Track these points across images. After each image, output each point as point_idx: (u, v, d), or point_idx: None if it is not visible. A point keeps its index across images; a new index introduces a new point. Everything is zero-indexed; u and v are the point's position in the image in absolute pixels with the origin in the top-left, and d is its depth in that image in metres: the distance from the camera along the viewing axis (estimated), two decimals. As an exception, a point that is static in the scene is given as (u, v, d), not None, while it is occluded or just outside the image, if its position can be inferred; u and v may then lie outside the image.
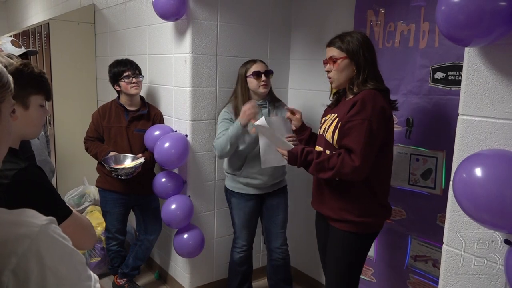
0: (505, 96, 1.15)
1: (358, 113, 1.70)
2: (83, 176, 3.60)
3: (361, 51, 1.79)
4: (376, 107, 1.71)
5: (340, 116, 1.82)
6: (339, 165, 1.70)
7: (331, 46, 1.86)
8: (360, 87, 1.79)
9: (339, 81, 1.87)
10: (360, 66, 1.80)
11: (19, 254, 0.68)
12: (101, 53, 3.75)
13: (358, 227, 1.84)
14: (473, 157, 1.12)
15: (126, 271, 2.85)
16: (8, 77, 0.79)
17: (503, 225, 1.07)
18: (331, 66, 1.86)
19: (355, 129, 1.69)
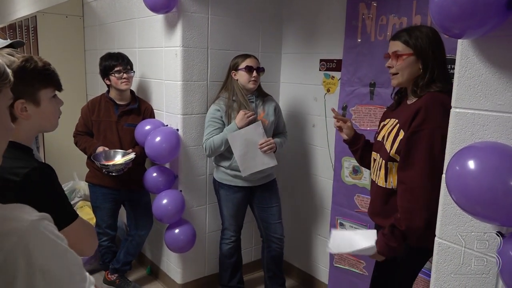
0: (498, 89, 1.15)
1: (424, 122, 1.53)
2: (72, 171, 3.56)
3: (430, 48, 1.61)
4: (441, 114, 1.49)
5: (401, 122, 1.65)
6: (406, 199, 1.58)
7: (396, 40, 1.67)
8: (424, 89, 1.61)
9: (401, 80, 1.67)
10: (427, 65, 1.61)
11: (5, 250, 0.65)
12: (90, 47, 3.70)
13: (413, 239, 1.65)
14: (465, 150, 1.11)
15: (117, 267, 2.83)
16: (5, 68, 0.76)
17: (495, 217, 1.07)
18: (393, 61, 1.67)
19: (421, 139, 1.54)
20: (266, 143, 2.40)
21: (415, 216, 1.56)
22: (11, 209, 0.72)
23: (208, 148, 2.44)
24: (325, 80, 2.69)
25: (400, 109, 1.76)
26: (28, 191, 1.06)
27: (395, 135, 1.65)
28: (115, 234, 2.89)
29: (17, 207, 0.73)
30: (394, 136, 1.66)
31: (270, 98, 2.58)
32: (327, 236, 2.76)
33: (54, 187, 1.13)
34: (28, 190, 1.06)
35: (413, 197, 1.56)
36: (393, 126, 1.69)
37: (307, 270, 3.01)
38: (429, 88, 1.60)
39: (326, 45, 2.65)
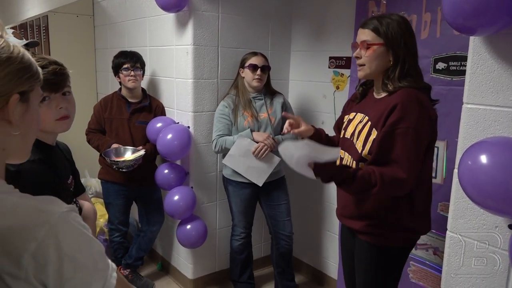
0: (509, 85, 1.17)
1: (402, 120, 1.42)
2: (84, 169, 3.61)
3: (402, 38, 1.48)
4: (421, 111, 1.44)
5: (372, 120, 1.53)
6: (382, 180, 1.42)
7: (365, 28, 1.53)
8: (396, 83, 1.49)
9: (369, 72, 1.55)
10: (398, 57, 1.48)
11: (38, 239, 0.70)
12: (100, 46, 3.74)
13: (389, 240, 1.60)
14: (478, 145, 1.14)
15: (129, 262, 2.88)
16: (37, 67, 0.80)
17: (507, 210, 1.09)
18: (362, 51, 1.53)
19: (399, 139, 1.42)
20: (258, 149, 2.42)
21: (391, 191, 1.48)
22: (42, 201, 0.76)
23: (219, 145, 2.48)
24: (334, 78, 2.72)
25: (368, 104, 1.64)
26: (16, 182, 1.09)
27: (367, 134, 1.53)
28: (127, 230, 2.94)
29: (47, 199, 0.77)
30: (366, 136, 1.54)
31: (279, 96, 2.61)
32: (336, 232, 2.79)
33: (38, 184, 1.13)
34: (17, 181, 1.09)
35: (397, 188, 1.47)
36: (364, 124, 1.57)
37: (317, 266, 3.04)
38: (401, 83, 1.48)
39: (336, 42, 2.68)
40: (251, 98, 2.52)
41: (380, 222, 1.58)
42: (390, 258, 1.65)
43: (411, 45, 1.52)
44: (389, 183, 1.42)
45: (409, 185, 1.45)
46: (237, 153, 2.46)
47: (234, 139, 2.46)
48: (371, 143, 1.51)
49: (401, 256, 1.67)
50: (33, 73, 0.79)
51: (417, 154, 1.45)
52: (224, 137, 2.49)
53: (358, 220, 1.64)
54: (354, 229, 1.69)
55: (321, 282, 3.01)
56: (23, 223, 0.71)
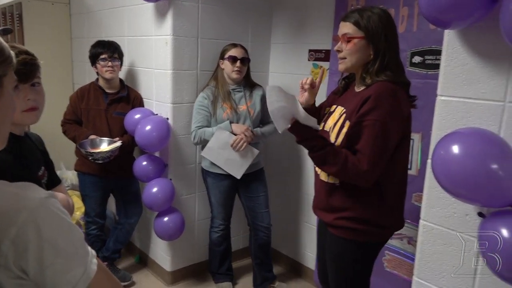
0: (481, 77, 1.21)
1: (370, 112, 1.43)
2: (59, 161, 3.54)
3: (383, 32, 1.48)
4: (392, 106, 1.43)
5: (347, 112, 1.54)
6: (345, 163, 1.44)
7: (346, 21, 1.53)
8: (374, 77, 1.49)
9: (349, 65, 1.55)
10: (379, 51, 1.49)
11: (18, 225, 0.70)
12: (77, 35, 3.66)
13: (357, 234, 1.60)
14: (450, 136, 1.17)
15: (106, 255, 2.85)
16: (9, 51, 0.78)
17: (477, 198, 1.13)
18: (343, 45, 1.54)
19: (365, 131, 1.43)
20: (236, 142, 2.42)
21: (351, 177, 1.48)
22: (21, 188, 0.75)
23: (198, 137, 2.48)
24: (314, 70, 2.74)
25: (347, 97, 1.65)
26: None
27: (340, 127, 1.54)
28: (104, 223, 2.90)
29: (26, 185, 0.76)
30: (339, 128, 1.55)
31: (258, 88, 2.62)
32: (313, 223, 2.83)
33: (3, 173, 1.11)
34: None
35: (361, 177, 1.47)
36: (340, 116, 1.58)
37: (295, 257, 3.08)
38: (379, 77, 1.48)
39: (315, 35, 2.70)
40: (231, 90, 2.52)
41: (350, 216, 1.58)
42: (359, 253, 1.65)
43: (392, 39, 1.52)
44: (350, 169, 1.44)
45: (369, 178, 1.47)
46: (216, 146, 2.45)
47: (213, 130, 2.46)
48: (343, 136, 1.53)
49: (370, 252, 1.67)
50: (6, 58, 0.77)
51: (383, 148, 1.45)
52: (203, 128, 2.49)
53: (328, 213, 1.65)
54: (325, 221, 1.70)
55: (299, 272, 3.05)
56: (1, 209, 0.70)
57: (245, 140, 2.42)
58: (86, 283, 0.76)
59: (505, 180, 1.09)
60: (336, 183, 1.61)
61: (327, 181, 1.64)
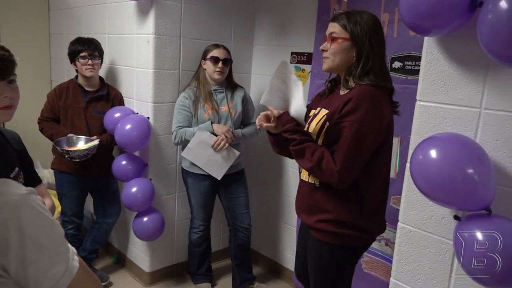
0: (458, 84, 1.24)
1: (349, 114, 1.45)
2: (36, 160, 3.46)
3: (367, 36, 1.50)
4: (372, 109, 1.45)
5: (329, 114, 1.57)
6: (320, 160, 1.46)
7: (335, 22, 1.57)
8: (357, 80, 1.51)
9: (332, 64, 1.58)
10: (361, 54, 1.51)
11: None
12: (55, 31, 3.59)
13: (338, 238, 1.61)
14: (428, 140, 1.20)
15: (83, 255, 2.79)
16: None
17: (454, 202, 1.16)
18: (328, 44, 1.57)
19: (343, 132, 1.46)
20: (217, 143, 2.42)
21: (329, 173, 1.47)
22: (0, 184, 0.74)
23: (178, 137, 2.46)
24: (296, 73, 2.76)
25: (332, 99, 1.66)
26: None
27: (321, 127, 1.57)
28: (81, 222, 2.84)
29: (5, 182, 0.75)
30: (320, 128, 1.57)
31: (240, 89, 2.62)
32: (293, 225, 2.85)
33: None
34: None
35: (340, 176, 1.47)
36: (322, 117, 1.60)
37: (274, 258, 3.09)
38: (362, 80, 1.51)
39: (297, 38, 2.72)
40: (212, 90, 2.51)
41: (330, 218, 1.59)
42: (340, 256, 1.66)
43: (377, 44, 1.53)
44: (324, 166, 1.46)
45: (342, 178, 1.46)
46: (196, 146, 2.44)
47: (194, 131, 2.44)
48: (323, 136, 1.56)
49: (351, 256, 1.68)
50: None
51: (357, 150, 1.46)
52: (184, 128, 2.47)
53: (310, 215, 1.66)
54: (306, 223, 1.71)
55: (278, 273, 3.06)
56: None
57: (226, 141, 2.42)
58: (68, 280, 0.75)
59: (480, 184, 1.12)
60: (316, 184, 1.62)
61: (307, 181, 1.65)
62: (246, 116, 2.65)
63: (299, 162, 1.56)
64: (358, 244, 1.67)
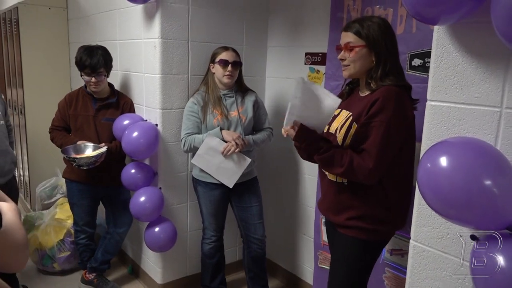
0: (474, 80, 1.06)
1: (378, 115, 1.51)
2: (55, 167, 3.48)
3: (383, 39, 1.57)
4: (398, 108, 1.52)
5: (354, 115, 1.62)
6: (351, 163, 1.53)
7: (348, 31, 1.62)
8: (378, 82, 1.58)
9: (353, 71, 1.64)
10: (380, 57, 1.58)
11: None
12: (74, 39, 3.61)
13: (368, 234, 1.66)
14: (438, 146, 1.02)
15: (95, 266, 2.75)
16: None
17: (469, 220, 0.98)
18: (346, 53, 1.63)
19: (373, 132, 1.52)
20: (227, 149, 2.30)
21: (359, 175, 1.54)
22: None
23: (187, 144, 2.37)
24: (310, 74, 2.60)
25: (352, 101, 1.71)
26: None
27: (348, 128, 1.61)
28: (93, 232, 2.80)
29: None
30: (346, 130, 1.62)
31: (251, 93, 2.49)
32: (311, 236, 2.68)
33: None
34: None
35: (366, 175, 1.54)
36: (346, 119, 1.65)
37: (292, 271, 2.92)
38: (384, 81, 1.57)
39: (311, 38, 2.56)
40: (221, 95, 2.40)
41: (359, 214, 1.65)
42: (367, 252, 1.71)
43: (391, 46, 1.61)
44: (356, 168, 1.52)
45: (374, 175, 1.53)
46: (206, 153, 2.34)
47: (203, 137, 2.34)
48: (351, 137, 1.60)
49: (376, 250, 1.74)
50: None
51: (387, 148, 1.52)
52: (193, 135, 2.37)
53: (338, 213, 1.71)
54: (334, 223, 1.75)
55: (296, 287, 2.89)
56: None
57: (236, 148, 2.30)
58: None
59: (500, 198, 0.94)
60: (344, 182, 1.67)
61: (335, 181, 1.70)
62: (258, 121, 2.51)
63: (329, 170, 1.64)
64: (383, 238, 1.74)
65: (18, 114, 3.79)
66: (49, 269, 2.99)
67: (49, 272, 3.01)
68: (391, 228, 1.72)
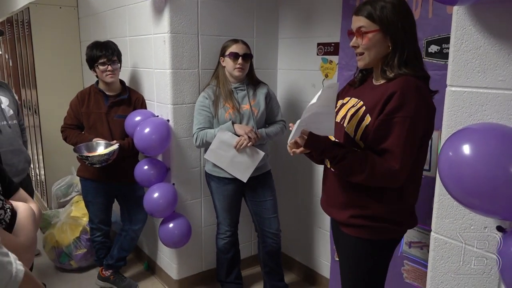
0: (498, 62, 1.00)
1: (399, 110, 1.34)
2: (70, 166, 3.50)
3: (398, 21, 1.38)
4: (420, 101, 1.36)
5: (368, 106, 1.46)
6: (373, 167, 1.36)
7: (359, 15, 1.44)
8: (396, 70, 1.41)
9: (368, 60, 1.46)
10: (397, 42, 1.40)
11: None
12: (85, 38, 3.61)
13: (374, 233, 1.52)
14: (460, 133, 0.97)
15: (111, 263, 2.75)
16: None
17: (494, 210, 0.93)
18: (359, 40, 1.44)
19: (396, 128, 1.35)
20: (239, 143, 2.26)
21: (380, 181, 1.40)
22: None
23: (200, 139, 2.34)
24: (323, 65, 2.55)
25: (364, 89, 1.55)
26: None
27: (360, 119, 1.45)
28: (109, 229, 2.81)
29: None
30: (358, 121, 1.46)
31: (262, 86, 2.45)
32: (327, 229, 2.63)
33: None
34: None
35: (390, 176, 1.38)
36: (357, 109, 1.48)
37: (309, 264, 2.89)
38: (401, 70, 1.40)
39: (324, 28, 2.50)
40: (233, 88, 2.36)
41: (367, 214, 1.50)
42: (376, 252, 1.57)
43: (409, 28, 1.42)
44: (380, 172, 1.36)
45: (401, 177, 1.38)
46: (218, 148, 2.31)
47: (215, 132, 2.31)
48: (363, 129, 1.44)
49: (387, 249, 1.59)
50: None
51: (412, 145, 1.38)
52: (205, 130, 2.35)
53: (342, 210, 1.56)
54: (337, 220, 1.61)
55: (313, 281, 2.86)
56: None
57: (248, 141, 2.27)
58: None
59: (529, 187, 0.88)
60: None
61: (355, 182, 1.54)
62: (271, 114, 2.47)
63: (350, 178, 1.45)
64: (394, 237, 1.59)
65: (32, 114, 3.82)
66: (66, 266, 3.01)
67: (67, 269, 3.03)
68: (403, 228, 1.57)
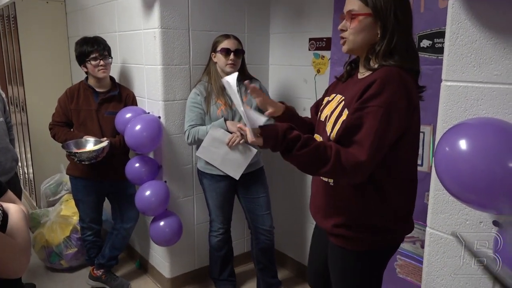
0: (493, 57, 1.00)
1: (373, 98, 1.23)
2: (59, 164, 3.44)
3: (392, 8, 1.29)
4: (399, 91, 1.24)
5: (347, 100, 1.35)
6: (338, 157, 1.22)
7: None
8: (380, 60, 1.30)
9: (352, 46, 1.36)
10: (387, 30, 1.29)
11: None
12: (73, 33, 3.54)
13: (359, 243, 1.42)
14: (456, 128, 0.97)
15: (102, 262, 2.72)
16: None
17: (490, 205, 0.93)
18: (347, 23, 1.34)
19: (367, 119, 1.22)
20: (232, 141, 2.25)
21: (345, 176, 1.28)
22: None
23: (191, 136, 2.32)
24: (315, 61, 2.53)
25: (349, 84, 1.44)
26: None
27: (338, 115, 1.34)
28: (99, 228, 2.77)
29: None
30: (336, 117, 1.35)
31: (254, 81, 2.43)
32: (320, 225, 2.63)
33: None
34: None
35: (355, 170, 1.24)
36: (338, 104, 1.38)
37: (302, 261, 2.89)
38: (386, 61, 1.29)
39: (315, 22, 2.49)
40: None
41: (348, 222, 1.40)
42: (364, 263, 1.46)
43: (403, 18, 1.30)
44: (345, 162, 1.21)
45: (366, 171, 1.25)
46: (211, 145, 2.29)
47: (207, 129, 2.29)
48: (339, 125, 1.32)
49: (377, 260, 1.47)
50: None
51: (383, 137, 1.23)
52: (197, 127, 2.32)
53: (326, 218, 1.46)
54: (323, 229, 1.50)
55: (306, 277, 2.85)
56: None
57: (241, 138, 2.25)
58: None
59: (525, 181, 0.88)
60: (330, 182, 1.42)
61: (321, 178, 1.46)
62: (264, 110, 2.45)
63: (311, 170, 1.31)
64: (384, 247, 1.45)
65: (20, 112, 3.75)
66: (56, 266, 2.97)
67: (57, 269, 2.99)
68: (392, 236, 1.44)
